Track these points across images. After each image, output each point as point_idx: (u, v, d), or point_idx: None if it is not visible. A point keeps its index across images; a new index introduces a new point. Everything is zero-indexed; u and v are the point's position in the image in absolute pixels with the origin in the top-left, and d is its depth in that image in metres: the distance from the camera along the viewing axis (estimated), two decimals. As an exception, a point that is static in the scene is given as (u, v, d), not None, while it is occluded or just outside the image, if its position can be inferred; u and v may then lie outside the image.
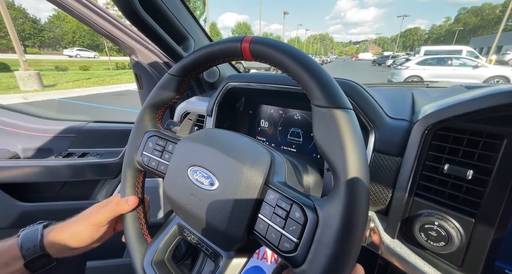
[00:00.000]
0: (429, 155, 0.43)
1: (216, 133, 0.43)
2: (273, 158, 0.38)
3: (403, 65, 9.30)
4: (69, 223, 0.44)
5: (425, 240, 0.42)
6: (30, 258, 0.39)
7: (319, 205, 0.29)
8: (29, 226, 0.44)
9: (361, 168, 0.27)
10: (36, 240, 0.40)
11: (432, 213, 0.42)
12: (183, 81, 0.46)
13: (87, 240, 0.44)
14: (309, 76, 0.30)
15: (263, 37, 0.35)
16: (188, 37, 0.84)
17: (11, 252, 0.39)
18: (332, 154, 0.28)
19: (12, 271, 0.39)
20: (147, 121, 0.49)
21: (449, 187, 0.41)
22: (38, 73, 7.69)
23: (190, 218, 0.40)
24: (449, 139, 0.41)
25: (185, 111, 0.86)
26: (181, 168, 0.40)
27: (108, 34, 0.82)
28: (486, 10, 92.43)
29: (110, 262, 1.01)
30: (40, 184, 1.00)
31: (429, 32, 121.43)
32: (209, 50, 0.39)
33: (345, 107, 0.29)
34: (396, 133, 0.48)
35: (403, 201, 0.46)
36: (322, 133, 0.29)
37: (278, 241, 0.31)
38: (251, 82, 0.68)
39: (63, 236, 0.42)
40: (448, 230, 0.39)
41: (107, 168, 1.00)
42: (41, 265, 0.41)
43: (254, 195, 0.33)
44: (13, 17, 43.78)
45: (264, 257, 0.82)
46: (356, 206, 0.26)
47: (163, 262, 0.45)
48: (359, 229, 0.27)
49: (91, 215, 0.44)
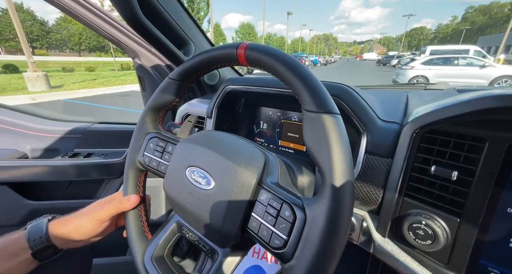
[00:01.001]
0: (418, 157, 0.44)
1: (213, 135, 0.45)
2: (267, 159, 0.40)
3: (408, 65, 9.18)
4: (73, 216, 0.47)
5: (413, 238, 0.44)
6: (37, 249, 0.42)
7: (308, 204, 0.31)
8: (35, 219, 0.46)
9: (345, 170, 0.29)
10: (42, 232, 0.43)
11: (420, 212, 0.44)
12: (183, 85, 0.47)
13: (89, 233, 0.46)
14: (299, 82, 0.32)
15: (258, 44, 0.36)
16: (188, 42, 0.87)
17: (19, 243, 0.42)
18: (319, 156, 0.30)
19: (20, 260, 0.41)
20: (149, 123, 0.52)
21: (436, 188, 0.43)
22: (46, 74, 7.82)
23: (188, 216, 0.42)
24: (437, 142, 0.42)
25: (186, 113, 0.89)
26: (179, 168, 0.42)
27: (112, 38, 0.84)
28: (494, 9, 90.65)
29: (115, 259, 1.04)
30: (47, 183, 1.03)
31: (435, 32, 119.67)
32: (207, 55, 0.41)
33: (333, 112, 0.31)
34: (387, 136, 0.50)
35: (393, 201, 0.47)
36: (311, 136, 0.31)
37: (269, 238, 0.32)
38: (250, 86, 0.70)
39: (67, 228, 0.45)
40: (435, 229, 0.41)
41: (111, 168, 1.03)
42: (47, 255, 0.44)
43: (247, 195, 0.35)
44: (22, 19, 44.58)
45: (264, 256, 0.84)
46: (340, 206, 0.28)
47: (162, 258, 0.47)
48: (343, 228, 0.28)
49: (94, 211, 0.47)
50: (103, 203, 0.49)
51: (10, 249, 0.41)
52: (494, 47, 32.08)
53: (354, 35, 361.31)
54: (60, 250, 0.45)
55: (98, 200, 0.51)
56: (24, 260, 0.41)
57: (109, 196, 0.52)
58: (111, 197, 0.51)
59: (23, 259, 0.41)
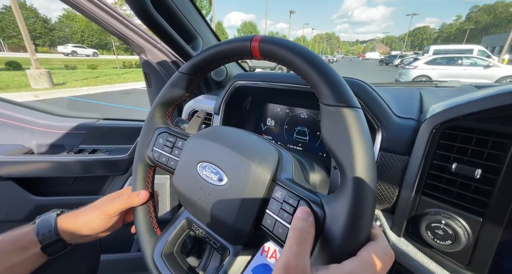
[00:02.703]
0: (437, 154, 0.43)
1: (225, 131, 0.44)
2: (281, 156, 0.39)
3: (411, 65, 9.11)
4: (82, 211, 0.46)
5: (432, 238, 0.43)
6: (46, 243, 0.41)
7: (326, 201, 0.30)
8: (43, 214, 0.46)
9: (368, 166, 0.28)
10: (51, 226, 0.42)
11: (439, 211, 0.42)
12: (193, 80, 0.47)
13: (97, 228, 0.46)
14: (317, 75, 0.31)
15: (273, 37, 0.35)
16: (197, 37, 0.86)
17: (28, 237, 0.41)
18: (340, 152, 0.29)
19: (30, 254, 0.40)
20: (158, 118, 0.51)
21: (456, 186, 0.41)
22: (49, 71, 7.84)
23: (198, 212, 0.41)
24: (457, 138, 0.41)
25: (192, 110, 0.88)
26: (190, 164, 0.41)
27: (118, 33, 0.83)
28: (499, 8, 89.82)
29: (120, 256, 1.04)
30: (52, 179, 1.03)
31: (439, 31, 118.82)
32: (219, 49, 0.40)
33: (354, 106, 0.30)
34: (404, 132, 0.48)
35: (409, 200, 0.46)
36: (330, 131, 0.30)
37: (285, 236, 0.31)
38: (258, 81, 0.69)
39: (76, 223, 0.44)
40: (455, 228, 0.39)
41: (116, 164, 1.03)
42: (57, 250, 0.43)
43: (262, 191, 0.34)
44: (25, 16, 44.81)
45: (273, 256, 0.83)
46: (363, 203, 0.27)
47: (172, 255, 0.47)
48: (365, 225, 0.27)
49: (103, 205, 0.46)
50: (112, 198, 0.48)
51: (19, 243, 0.41)
52: (498, 47, 31.79)
53: (356, 34, 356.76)
54: (69, 245, 0.45)
55: (107, 195, 0.50)
56: (33, 254, 0.41)
57: (118, 191, 0.51)
58: (119, 192, 0.51)
59: (32, 253, 0.41)
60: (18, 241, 0.41)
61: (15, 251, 0.40)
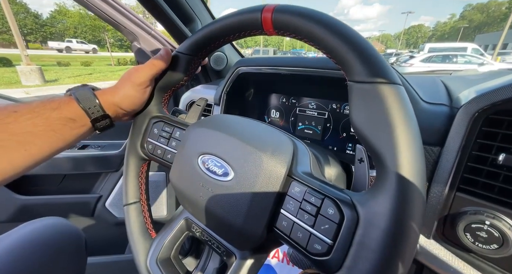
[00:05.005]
0: (477, 144, 0.37)
1: (230, 119, 0.38)
2: (296, 146, 0.33)
3: (407, 63, 9.15)
4: (116, 87, 0.41)
5: (472, 241, 0.37)
6: (95, 117, 0.37)
7: (359, 200, 0.24)
8: (73, 87, 0.40)
9: (416, 156, 0.22)
10: (94, 101, 0.37)
11: (480, 210, 0.37)
12: (193, 61, 0.41)
13: (136, 102, 0.41)
14: (347, 47, 0.25)
15: (287, 5, 0.29)
16: (195, 19, 0.80)
17: (73, 110, 0.36)
18: (377, 139, 0.23)
19: (78, 126, 0.37)
20: (152, 105, 0.45)
21: (500, 180, 0.36)
22: (40, 68, 7.70)
23: (200, 212, 0.35)
24: (503, 125, 0.35)
25: (190, 101, 0.82)
26: (190, 156, 0.35)
27: (110, 19, 0.78)
28: (492, 7, 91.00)
29: (111, 258, 0.98)
30: (39, 177, 0.96)
31: (433, 30, 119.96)
32: (224, 23, 0.34)
33: (394, 82, 0.24)
34: (435, 120, 0.43)
35: (442, 197, 0.40)
36: (364, 114, 0.24)
37: (306, 242, 0.26)
38: (263, 66, 0.63)
39: (115, 98, 0.40)
40: (503, 230, 0.34)
41: (109, 161, 0.96)
42: (104, 126, 0.40)
43: (276, 188, 0.28)
44: (15, 12, 43.76)
45: (275, 256, 0.78)
46: (410, 202, 0.21)
47: (169, 260, 0.41)
48: (414, 230, 0.21)
49: (131, 76, 0.40)
50: (137, 68, 0.42)
51: (67, 113, 0.35)
52: (491, 45, 32.20)
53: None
54: (113, 124, 0.41)
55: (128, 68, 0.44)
56: (81, 126, 0.37)
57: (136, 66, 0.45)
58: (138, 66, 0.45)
59: (80, 125, 0.37)
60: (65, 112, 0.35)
61: (61, 119, 0.35)
